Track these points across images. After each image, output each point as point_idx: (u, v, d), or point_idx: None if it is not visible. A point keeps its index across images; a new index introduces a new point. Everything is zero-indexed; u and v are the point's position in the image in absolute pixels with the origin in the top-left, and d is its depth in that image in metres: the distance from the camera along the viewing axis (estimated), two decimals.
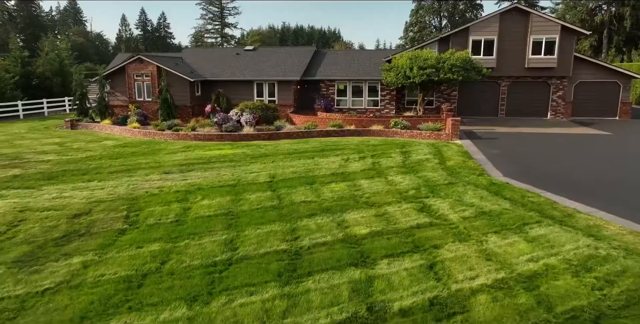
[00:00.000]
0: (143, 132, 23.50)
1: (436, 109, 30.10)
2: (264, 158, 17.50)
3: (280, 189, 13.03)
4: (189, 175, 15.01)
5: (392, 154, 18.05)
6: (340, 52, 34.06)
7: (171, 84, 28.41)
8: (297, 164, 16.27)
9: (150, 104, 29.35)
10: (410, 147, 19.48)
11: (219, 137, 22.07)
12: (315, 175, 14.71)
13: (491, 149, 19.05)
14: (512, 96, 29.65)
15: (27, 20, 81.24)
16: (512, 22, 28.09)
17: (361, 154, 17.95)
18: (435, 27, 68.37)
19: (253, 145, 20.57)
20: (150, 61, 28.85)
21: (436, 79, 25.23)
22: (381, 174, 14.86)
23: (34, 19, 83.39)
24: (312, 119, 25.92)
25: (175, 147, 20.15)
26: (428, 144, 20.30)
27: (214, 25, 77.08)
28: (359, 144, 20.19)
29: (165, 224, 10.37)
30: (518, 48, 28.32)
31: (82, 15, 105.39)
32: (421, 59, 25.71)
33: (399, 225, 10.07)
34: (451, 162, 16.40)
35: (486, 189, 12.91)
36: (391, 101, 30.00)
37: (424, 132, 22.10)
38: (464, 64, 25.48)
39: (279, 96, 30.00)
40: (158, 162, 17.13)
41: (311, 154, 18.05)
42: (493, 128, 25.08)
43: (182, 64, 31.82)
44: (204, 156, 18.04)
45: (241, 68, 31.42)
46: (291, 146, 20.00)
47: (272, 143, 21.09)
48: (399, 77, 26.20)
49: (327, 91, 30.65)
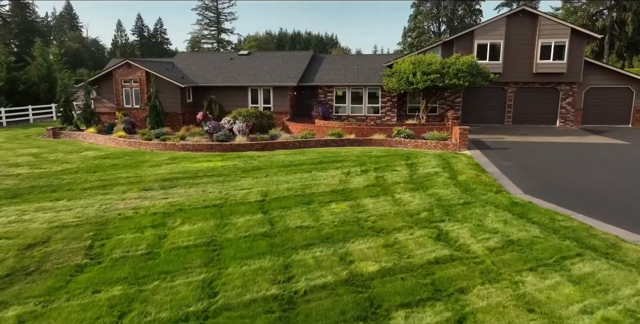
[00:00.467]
0: (128, 142, 21.74)
1: (439, 117, 28.45)
2: (257, 172, 15.76)
3: (273, 211, 11.28)
4: (171, 192, 13.25)
5: (397, 167, 16.33)
6: (338, 57, 32.45)
7: (161, 90, 26.68)
8: (293, 180, 14.53)
9: (139, 111, 27.61)
10: (417, 158, 17.78)
11: (208, 148, 20.32)
12: (313, 193, 12.98)
13: (504, 161, 17.37)
14: (519, 103, 28.03)
15: (22, 25, 79.55)
16: (519, 26, 26.52)
17: (363, 167, 16.24)
18: (434, 32, 67.00)
19: (245, 156, 18.83)
20: (139, 66, 27.14)
21: (441, 85, 23.59)
22: (387, 191, 13.13)
23: (28, 24, 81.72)
24: (309, 127, 24.23)
25: (160, 159, 18.39)
26: (435, 155, 18.61)
27: (210, 31, 75.49)
28: (361, 156, 18.47)
29: (134, 257, 8.60)
30: (525, 52, 26.74)
31: (78, 20, 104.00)
32: (425, 63, 24.09)
33: (414, 259, 8.33)
34: (463, 177, 14.69)
35: (508, 210, 11.20)
36: (392, 107, 28.34)
37: (429, 142, 20.41)
38: (470, 69, 23.87)
39: (275, 102, 28.31)
40: (139, 176, 15.36)
41: (308, 167, 16.32)
42: (502, 137, 23.42)
43: (174, 69, 30.12)
44: (190, 170, 16.28)
45: (235, 73, 29.74)
46: (286, 158, 18.27)
47: (266, 154, 19.35)
48: (401, 83, 24.54)
49: (325, 98, 28.99)
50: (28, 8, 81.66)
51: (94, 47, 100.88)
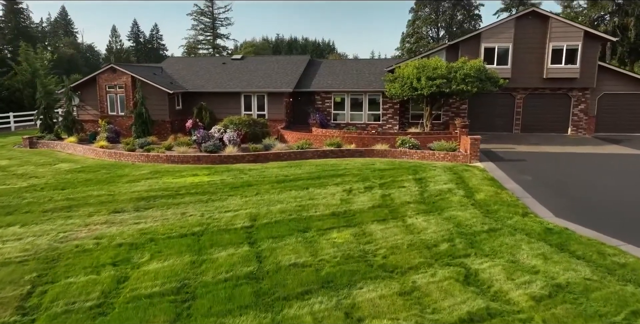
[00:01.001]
0: (109, 153, 19.73)
1: (444, 124, 26.60)
2: (246, 189, 13.79)
3: (262, 242, 9.31)
4: (145, 215, 11.26)
5: (404, 182, 14.40)
6: (336, 62, 30.60)
7: (147, 97, 24.73)
8: (287, 199, 12.57)
9: (124, 119, 25.64)
10: (425, 172, 15.85)
11: (195, 160, 18.34)
12: (311, 216, 11.02)
13: (522, 175, 15.47)
14: (528, 110, 26.20)
15: (15, 31, 77.63)
16: (529, 28, 24.75)
17: (367, 183, 14.30)
18: (433, 38, 65.34)
19: (235, 169, 16.86)
20: (124, 71, 25.20)
21: (447, 91, 21.73)
22: (396, 213, 11.19)
23: (22, 30, 79.78)
24: (306, 137, 22.31)
25: (140, 173, 16.39)
26: (444, 168, 16.70)
27: (206, 36, 73.58)
28: (363, 169, 16.54)
29: (80, 311, 6.62)
30: (535, 56, 24.96)
31: (73, 26, 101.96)
32: (430, 68, 22.24)
33: (442, 315, 6.38)
34: (481, 195, 12.76)
35: (544, 239, 9.27)
36: (394, 115, 26.46)
37: (437, 153, 18.50)
38: (478, 73, 22.04)
39: (269, 109, 26.39)
40: (112, 194, 13.37)
41: (305, 183, 14.36)
42: (513, 147, 21.54)
43: (162, 74, 28.19)
44: (171, 186, 14.30)
45: (227, 79, 27.82)
46: (281, 171, 16.31)
47: (259, 167, 17.39)
48: (404, 89, 22.68)
49: (322, 104, 27.10)
50: (22, 13, 79.83)
51: (89, 53, 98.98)
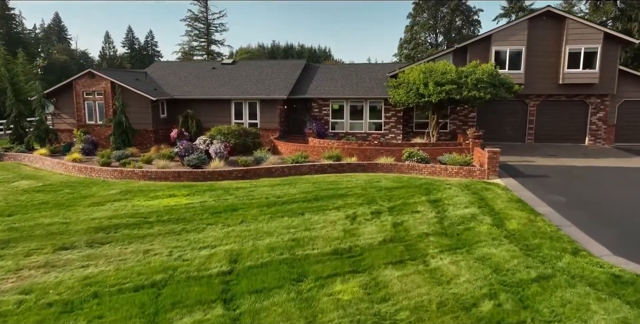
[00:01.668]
0: (79, 168, 17.25)
1: (451, 134, 24.29)
2: (230, 215, 11.36)
3: (243, 299, 6.88)
4: (98, 254, 8.82)
5: (418, 205, 12.02)
6: (334, 66, 28.32)
7: (129, 104, 22.34)
8: (278, 229, 10.16)
9: (103, 128, 23.19)
10: (440, 192, 13.48)
11: (175, 176, 15.88)
12: (307, 255, 8.61)
13: (552, 195, 13.12)
14: (542, 118, 23.93)
15: (7, 37, 75.22)
16: (543, 30, 22.54)
17: (373, 207, 11.91)
18: (431, 44, 63.29)
19: (220, 188, 14.42)
20: (103, 76, 22.78)
21: (458, 98, 19.42)
22: (415, 251, 8.79)
23: (14, 36, 77.37)
24: (301, 148, 19.94)
25: (109, 193, 13.94)
26: (461, 185, 14.34)
27: (200, 42, 71.32)
28: (367, 187, 14.15)
29: None
30: (550, 60, 22.73)
31: (67, 33, 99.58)
32: (438, 72, 19.95)
33: None
34: (513, 223, 10.39)
35: (615, 294, 6.90)
36: (397, 123, 24.13)
37: (449, 168, 16.15)
38: (491, 78, 19.79)
39: (262, 118, 24.01)
40: (67, 222, 10.92)
41: (300, 207, 11.95)
42: (531, 159, 19.21)
43: (146, 79, 25.79)
44: (141, 211, 11.85)
45: (217, 85, 25.45)
46: (272, 191, 13.90)
47: (247, 185, 14.97)
48: (410, 96, 20.36)
49: (320, 112, 24.74)
50: (14, 19, 77.55)
51: (83, 60, 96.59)
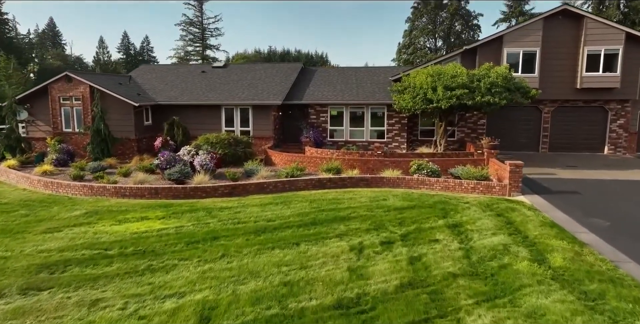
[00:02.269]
0: (45, 182, 15.08)
1: (459, 142, 22.27)
2: (210, 246, 9.24)
3: None
4: (28, 308, 6.69)
5: (435, 232, 9.93)
6: (333, 70, 26.28)
7: (110, 110, 20.26)
8: (267, 267, 8.05)
9: (81, 136, 21.04)
10: (458, 213, 11.41)
11: (152, 193, 13.73)
12: (302, 309, 6.51)
13: (591, 217, 11.08)
14: (558, 125, 21.95)
15: None
16: (559, 30, 20.63)
17: (383, 233, 9.81)
18: (430, 48, 61.46)
19: (202, 208, 12.29)
20: (82, 80, 20.67)
21: (470, 104, 17.41)
22: (442, 304, 6.69)
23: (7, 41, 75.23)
24: (297, 158, 17.85)
25: (71, 215, 11.78)
26: (480, 204, 12.27)
27: (195, 47, 69.26)
28: (373, 207, 12.05)
29: None
30: (567, 63, 20.80)
31: (61, 38, 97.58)
32: (447, 76, 17.96)
33: None
34: (557, 259, 8.30)
35: None
36: (401, 131, 22.08)
37: (465, 183, 14.08)
38: (506, 82, 17.82)
39: (255, 125, 21.92)
40: (6, 256, 8.77)
41: (295, 234, 9.84)
42: (551, 172, 17.17)
43: (130, 84, 23.68)
44: (102, 240, 9.71)
45: (206, 89, 23.37)
46: (263, 212, 11.77)
47: (235, 204, 12.84)
48: (416, 101, 18.33)
49: (317, 119, 22.68)
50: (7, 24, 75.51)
51: (78, 65, 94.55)
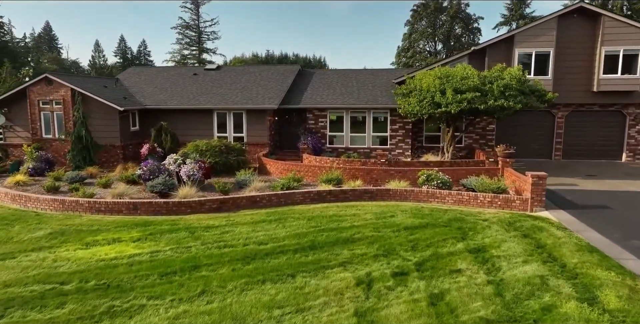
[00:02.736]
0: (13, 195, 13.42)
1: (467, 149, 20.72)
2: (188, 278, 7.62)
3: None
4: None
5: (456, 259, 8.34)
6: (332, 72, 24.71)
7: (93, 115, 18.73)
8: (256, 310, 6.44)
9: (63, 143, 19.43)
10: (478, 233, 9.83)
11: (130, 208, 12.10)
12: None
13: (633, 239, 9.52)
14: (572, 131, 20.45)
15: None
16: (574, 29, 19.17)
17: (394, 261, 8.22)
18: (430, 52, 60.08)
19: (184, 227, 10.68)
20: (63, 82, 19.09)
21: (482, 108, 15.88)
22: None
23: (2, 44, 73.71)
24: (294, 167, 16.28)
25: (33, 236, 10.15)
26: (501, 221, 10.71)
27: (191, 51, 67.69)
28: (380, 225, 10.46)
29: None
30: (582, 64, 19.33)
31: (58, 42, 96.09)
32: (456, 78, 16.45)
33: None
34: (611, 298, 6.73)
35: None
36: (405, 137, 20.53)
37: (480, 196, 12.51)
38: (520, 85, 16.32)
39: (249, 131, 20.35)
40: None
41: (290, 263, 8.23)
42: (571, 182, 15.63)
43: (117, 87, 22.09)
44: (60, 270, 8.08)
45: (198, 93, 21.79)
46: (254, 233, 10.16)
47: (222, 221, 11.23)
48: (423, 105, 16.79)
49: (316, 124, 21.11)
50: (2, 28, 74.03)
51: (74, 69, 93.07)
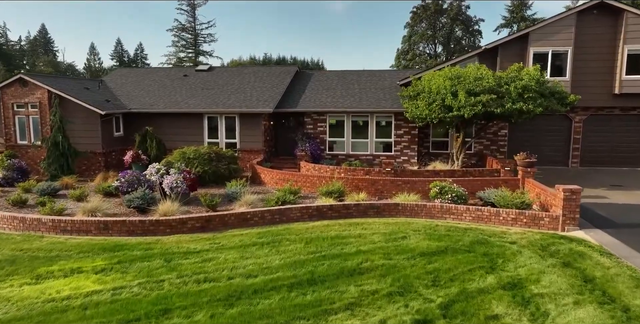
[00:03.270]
0: None
1: (477, 156, 19.07)
2: None
3: None
4: None
5: (489, 299, 6.65)
6: (332, 73, 23.01)
7: (72, 120, 17.04)
8: None
9: (39, 150, 17.73)
10: (507, 260, 8.15)
11: (100, 228, 10.35)
12: None
13: None
14: (590, 136, 18.83)
15: None
16: (594, 26, 17.57)
17: (413, 303, 6.52)
18: (430, 54, 58.58)
19: (160, 253, 8.96)
20: (38, 83, 17.40)
21: (498, 112, 14.23)
22: None
23: None
24: (291, 176, 14.60)
25: None
26: (531, 245, 9.04)
27: (187, 53, 66.04)
28: (391, 251, 8.75)
29: None
30: (603, 65, 17.73)
31: (53, 45, 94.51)
32: (469, 79, 14.80)
33: None
34: None
35: None
36: (411, 143, 18.86)
37: (503, 213, 10.83)
38: (539, 86, 14.69)
39: (243, 136, 18.67)
40: None
41: (284, 305, 6.52)
42: (600, 194, 13.96)
43: (100, 89, 20.38)
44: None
45: (187, 95, 20.11)
46: (242, 260, 8.45)
47: (206, 244, 9.52)
48: (433, 109, 15.13)
49: (314, 129, 19.44)
50: None
51: (70, 72, 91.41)
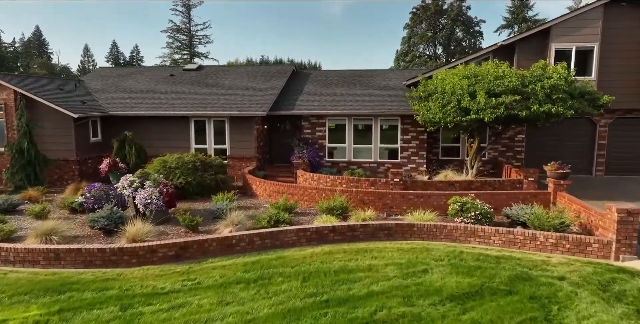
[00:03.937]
0: None
1: (491, 163, 17.14)
2: None
3: None
4: None
5: None
6: (331, 73, 20.97)
7: (43, 124, 15.05)
8: None
9: (4, 157, 15.69)
10: (563, 307, 6.22)
11: (49, 258, 8.31)
12: None
13: None
14: (616, 141, 16.95)
15: None
16: (622, 20, 15.72)
17: None
18: (430, 56, 56.78)
19: (117, 296, 6.95)
20: (4, 83, 15.37)
21: (523, 115, 12.30)
22: None
23: None
24: (286, 188, 12.64)
25: None
26: (586, 282, 7.11)
27: (182, 55, 64.07)
28: (411, 291, 6.78)
29: None
30: (632, 63, 15.87)
31: (48, 47, 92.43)
32: (489, 78, 12.88)
33: None
34: None
35: None
36: (419, 149, 16.93)
37: (540, 236, 8.87)
38: (568, 86, 12.79)
39: (233, 142, 16.69)
40: None
41: None
42: None
43: (77, 89, 18.36)
44: None
45: (173, 97, 18.12)
46: (220, 309, 6.44)
47: (178, 282, 7.52)
48: (447, 111, 13.18)
49: (312, 134, 17.49)
50: None
51: (64, 74, 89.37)
